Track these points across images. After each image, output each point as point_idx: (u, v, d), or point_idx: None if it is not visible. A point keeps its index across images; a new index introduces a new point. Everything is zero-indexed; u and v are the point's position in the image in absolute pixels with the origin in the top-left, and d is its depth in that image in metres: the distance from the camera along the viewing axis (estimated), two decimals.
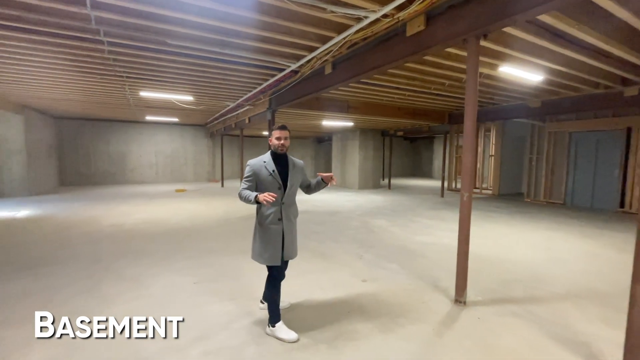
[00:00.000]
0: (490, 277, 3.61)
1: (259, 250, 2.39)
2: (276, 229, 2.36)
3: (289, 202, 2.46)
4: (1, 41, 4.15)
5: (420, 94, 7.20)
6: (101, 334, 2.34)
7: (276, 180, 2.37)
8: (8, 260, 3.93)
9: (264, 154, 2.47)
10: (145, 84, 6.49)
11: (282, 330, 2.35)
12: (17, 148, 9.32)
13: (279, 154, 2.44)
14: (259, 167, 2.39)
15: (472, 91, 2.68)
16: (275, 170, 2.38)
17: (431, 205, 8.87)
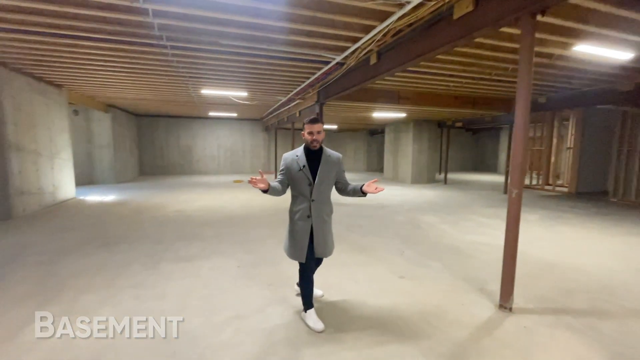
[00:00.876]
0: (549, 284, 3.23)
1: (286, 245, 2.44)
2: (304, 226, 2.32)
3: (320, 199, 2.33)
4: (89, 51, 4.86)
5: (479, 81, 6.61)
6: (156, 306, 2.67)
7: (306, 175, 2.29)
8: (92, 237, 4.66)
9: (298, 148, 2.41)
10: (204, 82, 7.04)
11: (311, 318, 2.40)
12: (106, 142, 10.88)
13: (315, 150, 2.33)
14: (291, 161, 2.35)
15: (525, 76, 2.39)
16: (306, 165, 2.30)
17: (490, 202, 8.16)
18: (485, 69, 5.62)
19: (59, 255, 3.89)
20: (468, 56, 4.94)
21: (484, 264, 3.78)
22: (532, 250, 4.27)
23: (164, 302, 2.76)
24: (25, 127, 6.18)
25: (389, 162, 14.18)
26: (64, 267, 3.52)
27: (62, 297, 2.81)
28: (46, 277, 3.26)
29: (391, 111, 10.30)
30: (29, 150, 6.27)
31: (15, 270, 3.41)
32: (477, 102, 8.57)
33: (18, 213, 5.86)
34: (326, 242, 2.40)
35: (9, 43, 4.57)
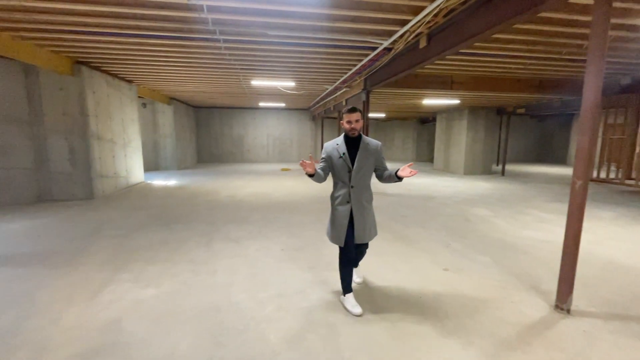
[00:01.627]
0: (618, 287, 2.88)
1: (328, 229, 2.53)
2: (343, 211, 2.38)
3: (359, 185, 2.38)
4: (153, 48, 5.33)
5: (546, 61, 5.95)
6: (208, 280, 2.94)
7: (346, 163, 2.36)
8: (157, 217, 5.21)
9: (338, 137, 2.47)
10: (254, 73, 7.33)
11: (349, 302, 2.46)
12: (168, 132, 11.93)
13: (354, 138, 2.39)
14: (332, 149, 2.42)
15: (597, 52, 2.11)
16: (346, 153, 2.36)
17: (554, 196, 7.39)
18: (554, 47, 5.03)
19: (130, 230, 4.44)
20: (533, 34, 4.46)
21: (541, 261, 3.48)
22: (601, 250, 3.81)
23: (215, 276, 3.02)
24: (103, 119, 7.04)
25: (439, 151, 13.50)
26: (134, 240, 4.02)
27: (133, 266, 3.23)
28: (120, 248, 3.75)
29: (443, 97, 9.74)
30: (106, 139, 7.14)
31: (97, 241, 3.98)
32: (543, 85, 7.72)
33: (98, 194, 6.75)
34: (365, 227, 2.43)
35: (90, 45, 5.21)
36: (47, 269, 3.16)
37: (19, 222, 4.79)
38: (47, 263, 3.32)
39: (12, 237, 4.11)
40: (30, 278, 2.97)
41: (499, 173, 11.84)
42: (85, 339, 2.09)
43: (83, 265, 3.26)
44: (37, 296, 2.64)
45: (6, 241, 3.97)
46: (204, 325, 2.25)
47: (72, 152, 6.39)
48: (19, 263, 3.31)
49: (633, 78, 6.99)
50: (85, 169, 6.48)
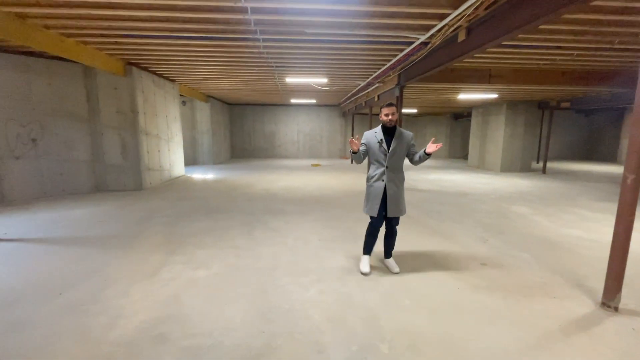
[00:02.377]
0: None
1: (366, 203, 2.94)
2: (379, 186, 2.83)
3: (393, 166, 2.82)
4: (197, 49, 5.68)
5: (595, 52, 5.61)
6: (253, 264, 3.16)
7: (383, 147, 2.81)
8: (200, 207, 5.58)
9: (376, 127, 2.92)
10: (289, 70, 7.53)
11: (363, 262, 3.05)
12: (205, 128, 12.53)
13: (388, 127, 2.82)
14: (371, 136, 2.89)
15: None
16: (383, 139, 2.82)
17: (601, 195, 6.97)
18: (605, 36, 4.75)
19: (178, 218, 4.80)
20: (581, 23, 4.25)
21: (585, 259, 3.37)
22: None
23: (259, 261, 3.24)
24: (150, 116, 7.58)
25: (474, 148, 13.06)
26: (183, 227, 4.36)
27: (184, 250, 3.53)
28: (171, 233, 4.10)
29: (480, 92, 9.43)
30: (152, 134, 7.68)
31: (150, 227, 4.36)
32: (591, 77, 7.25)
33: (146, 185, 7.30)
34: (398, 203, 2.86)
35: (141, 47, 5.64)
36: (112, 249, 3.54)
37: (82, 209, 5.33)
38: (110, 244, 3.71)
39: (78, 222, 4.61)
40: (98, 257, 3.35)
41: (540, 171, 11.27)
42: (152, 310, 2.37)
43: (141, 247, 3.61)
44: (106, 272, 2.99)
45: (74, 225, 4.46)
46: (253, 303, 2.46)
47: (124, 147, 6.95)
48: (87, 244, 3.74)
49: None
50: (135, 162, 7.03)
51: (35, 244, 3.74)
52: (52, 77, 6.23)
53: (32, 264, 3.17)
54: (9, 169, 5.81)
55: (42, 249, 3.58)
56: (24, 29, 4.35)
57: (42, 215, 4.95)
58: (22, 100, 5.90)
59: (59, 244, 3.74)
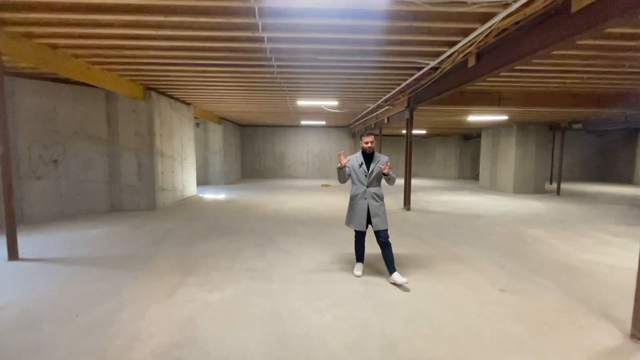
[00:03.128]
0: None
1: (350, 219, 3.38)
2: (362, 204, 3.28)
3: (372, 185, 3.30)
4: (214, 75, 5.92)
5: (606, 75, 5.65)
6: (266, 286, 3.15)
7: (363, 168, 3.31)
8: (213, 227, 5.62)
9: (358, 152, 3.44)
10: (301, 94, 7.75)
11: (357, 267, 3.48)
12: (217, 149, 12.80)
13: (367, 152, 3.33)
14: (354, 160, 3.38)
15: None
16: (363, 163, 3.33)
17: (621, 218, 6.78)
18: (614, 60, 4.81)
19: (192, 239, 4.84)
20: (590, 49, 4.32)
21: (609, 287, 3.25)
22: None
23: (273, 284, 3.22)
24: (166, 138, 7.81)
25: (485, 169, 12.97)
26: (197, 248, 4.39)
27: (199, 271, 3.54)
28: (185, 254, 4.13)
29: (490, 114, 9.49)
30: (167, 155, 7.89)
31: (165, 248, 4.41)
32: (603, 99, 7.26)
33: (160, 205, 7.42)
34: (381, 218, 3.26)
35: (161, 74, 5.92)
36: (127, 271, 3.57)
37: (98, 229, 5.43)
38: (125, 265, 3.75)
39: (94, 242, 4.69)
40: (114, 278, 3.38)
41: (554, 192, 11.08)
42: (168, 333, 2.36)
43: (156, 268, 3.64)
44: (122, 293, 3.01)
45: (91, 245, 4.54)
46: (269, 328, 2.43)
47: (140, 167, 7.14)
48: (104, 264, 3.78)
49: None
50: (150, 183, 7.19)
51: (53, 263, 3.80)
52: (76, 101, 6.54)
53: (50, 284, 3.22)
54: (30, 189, 6.00)
55: (60, 269, 3.63)
56: (55, 58, 4.63)
57: (60, 234, 5.05)
58: (47, 123, 6.18)
59: (76, 264, 3.80)
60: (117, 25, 3.78)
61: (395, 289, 3.14)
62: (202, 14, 3.47)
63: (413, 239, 4.99)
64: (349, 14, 3.49)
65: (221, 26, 3.83)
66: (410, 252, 4.29)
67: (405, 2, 3.09)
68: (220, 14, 3.48)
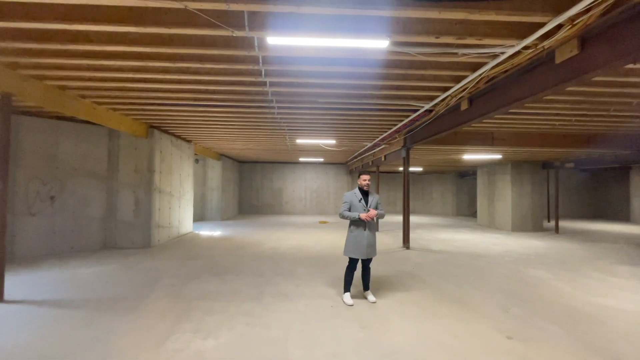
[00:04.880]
0: None
1: (351, 248, 3.75)
2: (362, 235, 3.72)
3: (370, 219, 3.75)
4: (217, 115, 6.11)
5: (593, 117, 5.89)
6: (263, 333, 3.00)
7: (362, 203, 3.77)
8: (208, 267, 5.46)
9: (355, 189, 3.89)
10: (300, 133, 7.96)
11: (346, 298, 3.81)
12: (215, 185, 12.84)
13: (364, 190, 3.82)
14: (352, 196, 3.83)
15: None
16: (362, 199, 3.80)
17: (624, 258, 6.70)
18: (600, 105, 5.04)
19: (186, 279, 4.68)
20: (576, 94, 4.56)
21: (620, 333, 3.13)
22: None
23: (270, 330, 3.07)
24: (165, 174, 7.86)
25: (483, 206, 13.00)
26: (190, 290, 4.23)
27: (192, 316, 3.38)
28: (179, 297, 3.96)
29: (484, 153, 9.71)
30: (166, 192, 7.88)
31: (158, 289, 4.24)
32: (592, 139, 7.50)
33: (154, 242, 7.26)
34: (373, 247, 3.79)
35: (164, 113, 6.10)
36: (116, 315, 3.40)
37: (89, 268, 5.26)
38: (116, 308, 3.58)
39: (85, 283, 4.51)
40: (103, 323, 3.21)
41: (552, 230, 11.03)
42: None
43: (147, 313, 3.47)
44: (110, 341, 2.84)
45: (81, 286, 4.36)
46: None
47: (137, 204, 7.09)
48: (93, 307, 3.61)
49: None
50: (146, 219, 7.10)
51: (39, 306, 3.62)
52: (79, 138, 6.65)
53: (33, 329, 3.04)
54: (23, 225, 5.89)
55: (46, 312, 3.46)
56: (62, 99, 4.79)
57: (49, 274, 4.87)
58: (48, 160, 6.23)
59: (63, 306, 3.62)
60: (126, 70, 3.96)
61: (399, 336, 2.99)
62: (208, 60, 3.67)
63: (415, 280, 4.86)
64: (347, 62, 3.71)
65: (226, 72, 4.02)
66: (414, 295, 4.16)
67: (399, 52, 3.30)
68: (225, 61, 3.68)
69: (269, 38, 2.95)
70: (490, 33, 2.92)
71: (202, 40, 3.26)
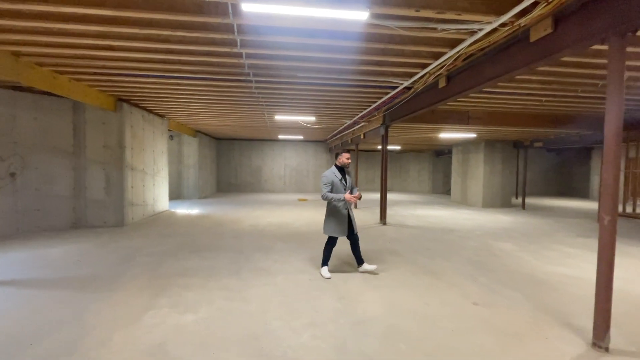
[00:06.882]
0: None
1: (333, 227, 3.80)
2: (344, 213, 3.81)
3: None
4: (190, 88, 5.83)
5: (561, 98, 6.14)
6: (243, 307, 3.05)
7: (342, 182, 3.84)
8: (185, 244, 5.41)
9: (332, 168, 3.90)
10: (279, 109, 7.79)
11: (324, 271, 3.91)
12: (192, 162, 12.48)
13: (342, 168, 3.89)
14: (332, 176, 3.83)
15: (615, 99, 2.27)
16: (342, 177, 3.85)
17: (580, 231, 7.24)
18: (570, 86, 5.24)
19: (162, 257, 4.62)
20: (548, 74, 4.70)
21: (572, 297, 3.43)
22: (635, 287, 3.72)
23: (249, 304, 3.12)
24: (138, 151, 7.53)
25: (456, 184, 13.50)
26: (168, 267, 4.19)
27: (169, 292, 3.37)
28: (155, 274, 3.92)
29: (460, 132, 9.96)
30: (138, 169, 7.58)
31: (133, 267, 4.17)
32: (560, 120, 7.85)
33: (128, 221, 7.06)
34: (354, 222, 3.92)
35: (135, 85, 5.75)
36: (90, 293, 3.34)
37: (59, 247, 5.06)
38: (89, 287, 3.50)
39: (54, 262, 4.36)
40: (75, 301, 3.14)
41: (519, 206, 11.68)
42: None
43: (123, 290, 3.42)
44: (84, 319, 2.80)
45: (50, 266, 4.21)
46: (245, 351, 2.34)
47: (108, 181, 6.80)
48: (64, 287, 3.51)
49: None
50: (118, 197, 6.85)
51: (8, 286, 3.48)
52: (39, 111, 6.19)
53: (3, 309, 2.94)
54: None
55: (16, 292, 3.33)
56: (16, 66, 4.39)
57: (15, 254, 4.66)
58: (4, 134, 5.78)
59: (32, 287, 3.50)
60: (88, 35, 3.66)
61: (373, 305, 3.14)
62: (179, 27, 3.45)
63: (391, 254, 5.05)
64: (326, 34, 3.60)
65: (199, 41, 3.81)
66: (389, 267, 4.33)
67: (379, 25, 3.23)
68: (198, 29, 3.48)
69: (243, 4, 2.79)
70: (469, 8, 2.91)
71: (171, 5, 3.05)
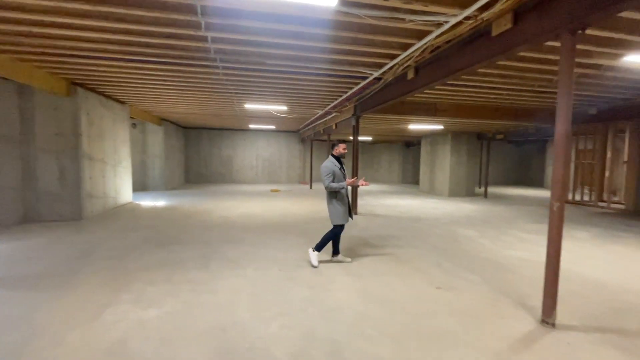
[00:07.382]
0: (598, 303, 3.10)
1: (341, 216, 3.92)
2: (346, 201, 3.98)
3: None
4: (152, 72, 5.50)
5: (521, 93, 6.47)
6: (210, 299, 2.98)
7: (342, 171, 3.96)
8: (150, 238, 5.18)
9: (330, 158, 3.98)
10: (248, 97, 7.57)
11: (314, 257, 3.99)
12: (158, 152, 11.91)
13: (339, 158, 3.99)
14: (334, 167, 3.90)
15: (565, 90, 2.42)
16: (342, 167, 3.97)
17: (534, 218, 7.78)
18: (528, 80, 5.53)
19: (125, 251, 4.40)
20: (509, 69, 4.91)
21: (526, 279, 3.70)
22: (580, 268, 4.08)
23: (217, 296, 3.06)
24: (96, 139, 7.04)
25: (425, 174, 13.97)
26: (130, 262, 3.99)
27: (132, 287, 3.22)
28: (117, 270, 3.73)
29: (428, 123, 10.25)
30: (97, 159, 7.11)
31: (92, 263, 3.93)
32: (519, 113, 8.30)
33: (87, 214, 6.63)
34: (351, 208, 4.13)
35: (89, 67, 5.33)
36: (42, 292, 3.11)
37: (6, 243, 4.66)
38: (41, 285, 3.26)
39: (2, 259, 4.01)
40: (26, 301, 2.92)
41: (482, 195, 12.33)
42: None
43: (80, 287, 3.23)
44: (35, 319, 2.61)
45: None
46: (210, 344, 2.30)
47: (63, 172, 6.32)
48: (10, 286, 3.25)
49: (598, 109, 7.66)
50: (75, 189, 6.40)
51: None
52: None
53: None
54: None
55: None
56: None
57: None
58: None
59: None
60: (30, 10, 3.31)
61: (343, 293, 3.19)
62: (136, 6, 3.21)
63: (361, 243, 5.15)
64: (296, 20, 3.51)
65: (159, 21, 3.57)
66: (358, 256, 4.41)
67: (349, 13, 3.20)
68: (157, 9, 3.25)
69: None
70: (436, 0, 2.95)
71: None
